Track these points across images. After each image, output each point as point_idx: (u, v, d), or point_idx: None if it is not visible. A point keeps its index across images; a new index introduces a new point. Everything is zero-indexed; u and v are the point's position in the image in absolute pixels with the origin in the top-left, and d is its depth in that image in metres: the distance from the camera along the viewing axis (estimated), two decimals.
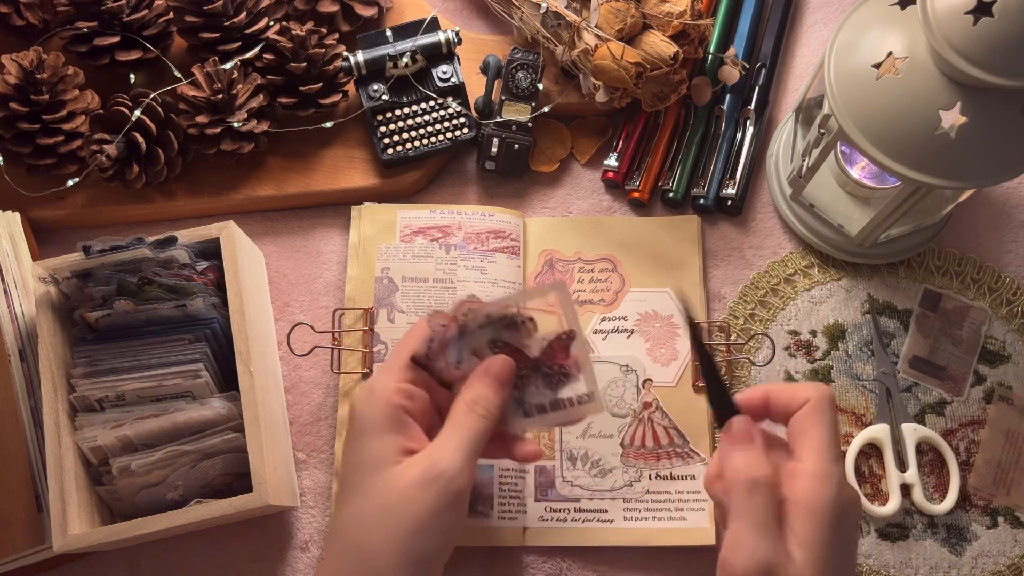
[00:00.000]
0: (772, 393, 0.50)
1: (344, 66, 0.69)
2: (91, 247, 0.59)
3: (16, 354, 0.61)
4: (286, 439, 0.65)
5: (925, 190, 0.56)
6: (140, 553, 0.63)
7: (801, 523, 0.44)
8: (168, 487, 0.58)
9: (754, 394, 0.50)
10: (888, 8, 0.55)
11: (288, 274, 0.70)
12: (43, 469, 0.59)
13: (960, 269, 0.68)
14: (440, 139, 0.70)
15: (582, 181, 0.73)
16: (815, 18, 0.77)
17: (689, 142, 0.71)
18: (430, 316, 0.51)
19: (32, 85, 0.65)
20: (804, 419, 0.47)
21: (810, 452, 0.46)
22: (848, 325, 0.67)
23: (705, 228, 0.71)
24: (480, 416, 0.49)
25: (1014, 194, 0.70)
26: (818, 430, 0.47)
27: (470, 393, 0.50)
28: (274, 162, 0.71)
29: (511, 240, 0.69)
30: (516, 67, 0.69)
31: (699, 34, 0.68)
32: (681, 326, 0.67)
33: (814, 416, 0.47)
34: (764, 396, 0.50)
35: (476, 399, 0.49)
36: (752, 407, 0.49)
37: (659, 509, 0.63)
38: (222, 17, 0.68)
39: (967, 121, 0.51)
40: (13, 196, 0.68)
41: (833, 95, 0.55)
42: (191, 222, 0.70)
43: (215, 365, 0.61)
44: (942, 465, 0.64)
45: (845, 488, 0.46)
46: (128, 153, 0.67)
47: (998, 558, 0.62)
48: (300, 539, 0.64)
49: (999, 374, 0.66)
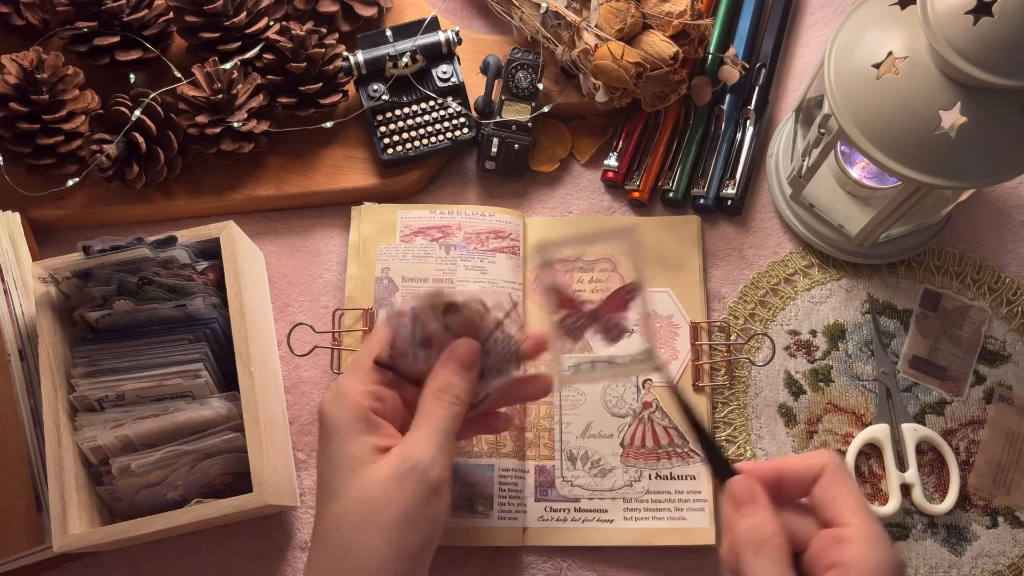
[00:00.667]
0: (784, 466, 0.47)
1: (344, 66, 0.69)
2: (91, 247, 0.59)
3: (16, 354, 0.61)
4: (286, 439, 0.65)
5: (925, 190, 0.56)
6: (140, 553, 0.63)
7: None
8: (168, 487, 0.58)
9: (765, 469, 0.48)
10: (888, 8, 0.55)
11: (288, 274, 0.70)
12: (43, 469, 0.59)
13: (960, 269, 0.68)
14: (440, 139, 0.70)
15: (582, 181, 0.73)
16: (815, 18, 0.77)
17: (689, 142, 0.71)
18: (389, 316, 0.51)
19: (32, 85, 0.65)
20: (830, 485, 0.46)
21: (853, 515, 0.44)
22: (848, 325, 0.67)
23: (705, 228, 0.71)
24: (448, 404, 0.49)
25: (1014, 194, 0.70)
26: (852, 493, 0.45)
27: (436, 382, 0.50)
28: (274, 162, 0.71)
29: (511, 240, 0.69)
30: (516, 67, 0.69)
31: (699, 34, 0.68)
32: (681, 326, 0.67)
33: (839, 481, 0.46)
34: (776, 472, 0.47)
35: (443, 387, 0.49)
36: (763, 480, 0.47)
37: (659, 509, 0.63)
38: (222, 17, 0.68)
39: (967, 121, 0.51)
40: (13, 196, 0.68)
41: (833, 95, 0.55)
42: (191, 222, 0.70)
43: (215, 365, 0.61)
44: (942, 465, 0.64)
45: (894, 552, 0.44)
46: (128, 153, 0.67)
47: (998, 558, 0.62)
48: (300, 539, 0.64)
49: (999, 374, 0.66)
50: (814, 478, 0.46)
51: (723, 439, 0.65)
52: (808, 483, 0.46)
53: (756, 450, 0.65)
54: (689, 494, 0.63)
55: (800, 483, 0.47)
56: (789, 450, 0.65)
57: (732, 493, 0.47)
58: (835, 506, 0.45)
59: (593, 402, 0.65)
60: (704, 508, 0.63)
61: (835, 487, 0.45)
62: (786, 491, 0.47)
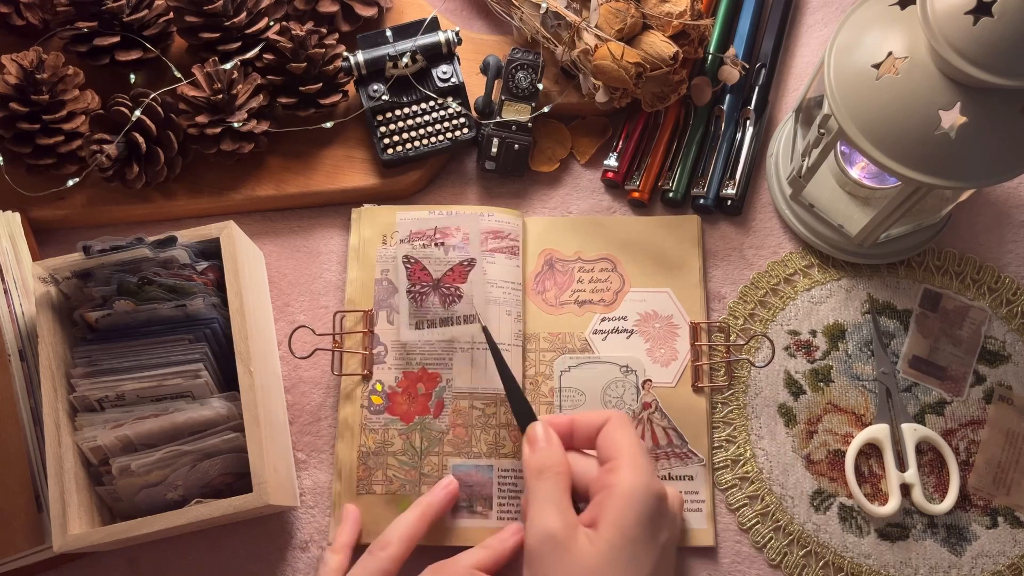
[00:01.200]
0: (577, 418, 0.57)
1: (344, 66, 0.69)
2: (91, 247, 0.59)
3: (16, 354, 0.61)
4: (286, 439, 0.65)
5: (925, 190, 0.56)
6: (140, 553, 0.63)
7: (612, 503, 0.51)
8: (168, 487, 0.58)
9: (560, 420, 0.57)
10: (888, 8, 0.55)
11: (288, 274, 0.70)
12: (43, 469, 0.59)
13: (960, 269, 0.68)
14: (440, 139, 0.70)
15: (582, 181, 0.73)
16: (815, 18, 0.77)
17: (689, 142, 0.71)
18: None
19: (32, 85, 0.65)
20: (611, 432, 0.55)
21: (624, 451, 0.53)
22: (848, 325, 0.67)
23: (705, 228, 0.71)
24: None
25: (1014, 194, 0.70)
26: (627, 437, 0.54)
27: None
28: (274, 162, 0.71)
29: (511, 240, 0.69)
30: (516, 67, 0.69)
31: (699, 34, 0.68)
32: (681, 326, 0.67)
33: (619, 428, 0.55)
34: (569, 423, 0.57)
35: None
36: (557, 428, 0.57)
37: None
38: (222, 17, 0.68)
39: (967, 121, 0.51)
40: (13, 196, 0.68)
41: (833, 95, 0.55)
42: (191, 222, 0.70)
43: (215, 365, 0.61)
44: (942, 465, 0.64)
45: (656, 482, 0.53)
46: (128, 153, 0.67)
47: (998, 558, 0.62)
48: (300, 539, 0.64)
49: (999, 374, 0.66)
50: (599, 428, 0.55)
51: (723, 439, 0.65)
52: (595, 433, 0.56)
53: (756, 450, 0.65)
54: (688, 495, 0.63)
55: (588, 433, 0.56)
56: (789, 450, 0.65)
57: (528, 435, 0.57)
58: (612, 447, 0.54)
59: (593, 402, 0.65)
60: (702, 509, 0.63)
61: (615, 434, 0.54)
62: (577, 441, 0.57)
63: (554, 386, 0.65)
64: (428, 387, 0.64)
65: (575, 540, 0.50)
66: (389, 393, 0.65)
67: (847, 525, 0.63)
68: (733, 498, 0.64)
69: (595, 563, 0.49)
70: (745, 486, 0.64)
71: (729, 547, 0.63)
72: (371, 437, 0.64)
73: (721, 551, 0.63)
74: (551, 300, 0.68)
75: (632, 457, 0.53)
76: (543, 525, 0.51)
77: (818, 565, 0.62)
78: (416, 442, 0.63)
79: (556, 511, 0.52)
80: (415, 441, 0.63)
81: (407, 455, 0.63)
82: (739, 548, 0.63)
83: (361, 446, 0.64)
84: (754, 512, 0.63)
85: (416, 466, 0.63)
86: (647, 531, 0.51)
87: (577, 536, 0.51)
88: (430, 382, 0.65)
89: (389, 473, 0.63)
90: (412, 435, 0.64)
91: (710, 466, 0.64)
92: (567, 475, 0.54)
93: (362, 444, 0.64)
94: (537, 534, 0.51)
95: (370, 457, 0.63)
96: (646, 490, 0.51)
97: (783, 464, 0.64)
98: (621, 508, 0.51)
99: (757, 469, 0.64)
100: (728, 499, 0.64)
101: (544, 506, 0.52)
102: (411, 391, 0.65)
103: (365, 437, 0.64)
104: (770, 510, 0.63)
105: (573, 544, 0.50)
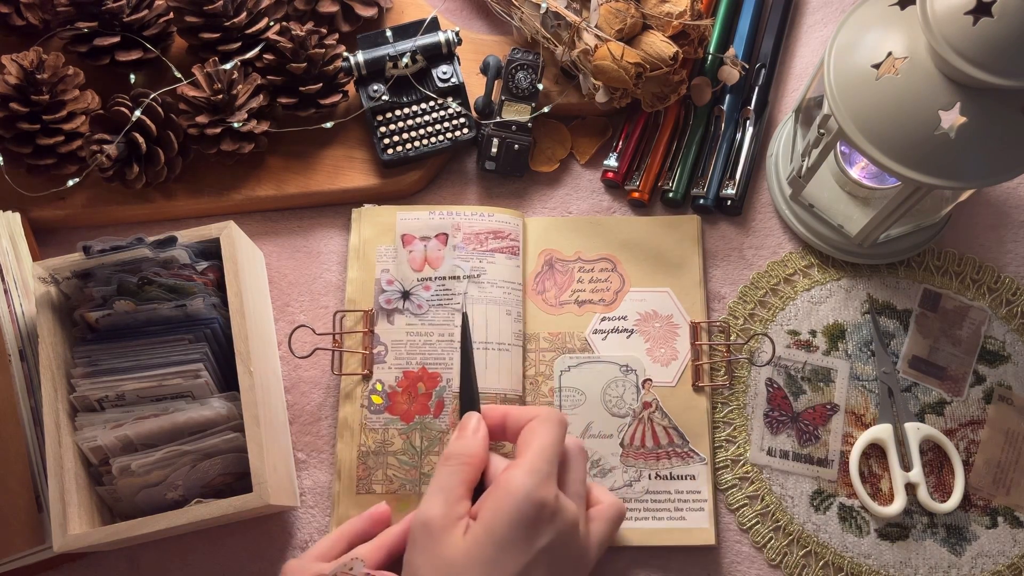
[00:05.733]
0: (510, 411, 0.57)
1: (344, 66, 0.69)
2: (91, 247, 0.59)
3: (16, 354, 0.61)
4: (286, 439, 0.65)
5: (925, 190, 0.56)
6: (140, 553, 0.63)
7: (491, 500, 0.50)
8: (168, 487, 0.58)
9: (495, 412, 0.57)
10: (888, 8, 0.55)
11: (288, 274, 0.70)
12: (43, 469, 0.59)
13: (960, 269, 0.68)
14: (440, 139, 0.70)
15: (582, 181, 0.73)
16: (815, 18, 0.77)
17: (689, 142, 0.71)
18: None
19: (32, 85, 0.65)
20: (532, 429, 0.54)
21: (529, 451, 0.52)
22: (848, 325, 0.67)
23: (705, 228, 0.71)
24: None
25: (1014, 194, 0.71)
26: (539, 438, 0.53)
27: None
28: (274, 162, 0.71)
29: (511, 240, 0.69)
30: (516, 67, 0.69)
31: (699, 34, 0.68)
32: (681, 326, 0.67)
33: (539, 427, 0.54)
34: (503, 416, 0.57)
35: None
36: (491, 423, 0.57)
37: (659, 509, 0.63)
38: (222, 17, 0.68)
39: (967, 121, 0.52)
40: (13, 196, 0.68)
41: (833, 95, 0.55)
42: (191, 222, 0.70)
43: (215, 365, 0.61)
44: (942, 465, 0.64)
45: (544, 488, 0.50)
46: (128, 153, 0.67)
47: (998, 558, 0.62)
48: (300, 539, 0.64)
49: (999, 374, 0.66)
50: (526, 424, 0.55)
51: (723, 439, 0.65)
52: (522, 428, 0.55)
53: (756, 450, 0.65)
54: (689, 494, 0.63)
55: (517, 428, 0.55)
56: (789, 451, 0.65)
57: (460, 423, 0.57)
58: (523, 445, 0.53)
59: (593, 402, 0.65)
60: (704, 508, 0.63)
61: (535, 432, 0.54)
62: (508, 435, 0.57)
63: (554, 386, 0.65)
64: (428, 386, 0.65)
65: (450, 531, 0.50)
66: (389, 393, 0.65)
67: (847, 525, 0.63)
68: (733, 498, 0.64)
69: (455, 556, 0.49)
70: (745, 486, 0.64)
71: (729, 547, 0.63)
72: (371, 437, 0.64)
73: (721, 551, 0.63)
74: (551, 300, 0.68)
75: (532, 459, 0.51)
76: (424, 512, 0.51)
77: (818, 565, 0.62)
78: (416, 442, 0.63)
79: (442, 499, 0.51)
80: (415, 441, 0.63)
81: (407, 455, 0.63)
82: (739, 548, 0.63)
83: (361, 446, 0.64)
84: (754, 512, 0.64)
85: (416, 466, 0.63)
86: (518, 534, 0.49)
87: (454, 527, 0.50)
88: (430, 381, 0.65)
89: (389, 473, 0.63)
90: (412, 435, 0.64)
91: (712, 465, 0.64)
92: (474, 467, 0.53)
93: (362, 444, 0.64)
94: (416, 520, 0.51)
95: (370, 457, 0.63)
96: (527, 494, 0.50)
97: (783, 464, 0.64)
98: (496, 507, 0.50)
99: (757, 469, 0.64)
100: (728, 499, 0.64)
101: (433, 493, 0.52)
102: (411, 390, 0.65)
103: (365, 437, 0.64)
104: (770, 510, 0.63)
105: (445, 535, 0.50)
